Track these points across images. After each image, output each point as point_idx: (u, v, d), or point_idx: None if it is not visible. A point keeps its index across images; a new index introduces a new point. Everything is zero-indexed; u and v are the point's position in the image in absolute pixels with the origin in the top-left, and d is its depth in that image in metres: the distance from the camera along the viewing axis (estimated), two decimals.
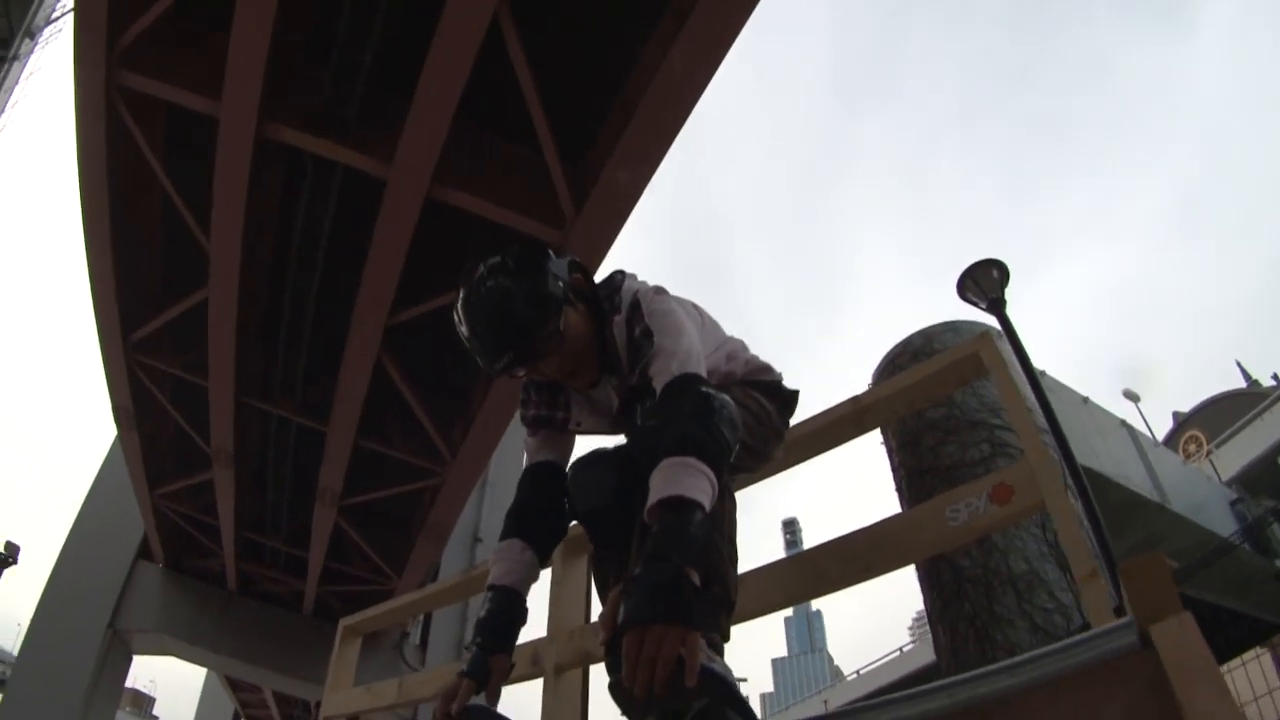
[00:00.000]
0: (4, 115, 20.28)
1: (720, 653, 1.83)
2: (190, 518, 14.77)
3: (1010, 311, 7.05)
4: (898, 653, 29.12)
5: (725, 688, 1.66)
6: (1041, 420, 7.39)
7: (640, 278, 2.37)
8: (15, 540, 18.38)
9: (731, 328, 2.54)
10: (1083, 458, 8.32)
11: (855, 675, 33.35)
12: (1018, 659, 1.44)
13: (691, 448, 1.76)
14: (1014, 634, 6.38)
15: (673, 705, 1.60)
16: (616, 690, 1.68)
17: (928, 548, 2.68)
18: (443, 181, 7.14)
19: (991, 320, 7.25)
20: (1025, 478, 2.40)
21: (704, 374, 2.00)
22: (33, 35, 17.95)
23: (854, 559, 2.72)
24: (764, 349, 2.52)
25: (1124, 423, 15.74)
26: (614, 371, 2.25)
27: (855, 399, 2.97)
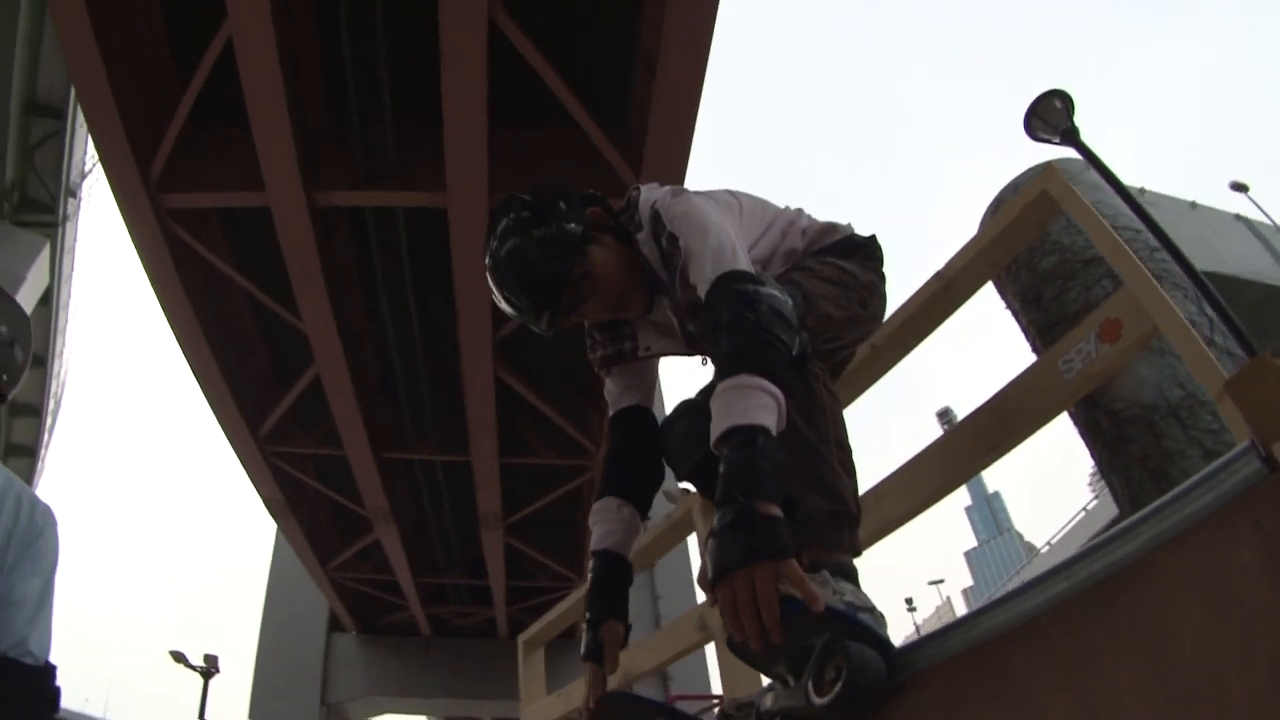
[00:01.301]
0: (74, 272, 21.10)
1: (850, 574, 1.72)
2: (368, 580, 15.39)
3: (1089, 134, 6.79)
4: (1083, 513, 28.35)
5: (843, 620, 1.53)
6: (1151, 240, 7.13)
7: (660, 187, 2.19)
8: (212, 651, 19.35)
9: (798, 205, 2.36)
10: (1204, 263, 7.92)
11: (1047, 547, 32.62)
12: (1131, 520, 1.30)
13: (739, 364, 1.63)
14: (1189, 464, 6.14)
15: (795, 646, 1.53)
16: (738, 649, 1.55)
17: (1053, 409, 2.45)
18: (501, 188, 7.17)
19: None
20: (1130, 306, 2.23)
21: (742, 265, 1.84)
22: (73, 193, 18.56)
23: (980, 437, 2.56)
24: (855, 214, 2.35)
25: (1238, 216, 15.09)
26: (663, 291, 2.10)
27: (938, 275, 2.80)
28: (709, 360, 2.04)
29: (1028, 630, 1.34)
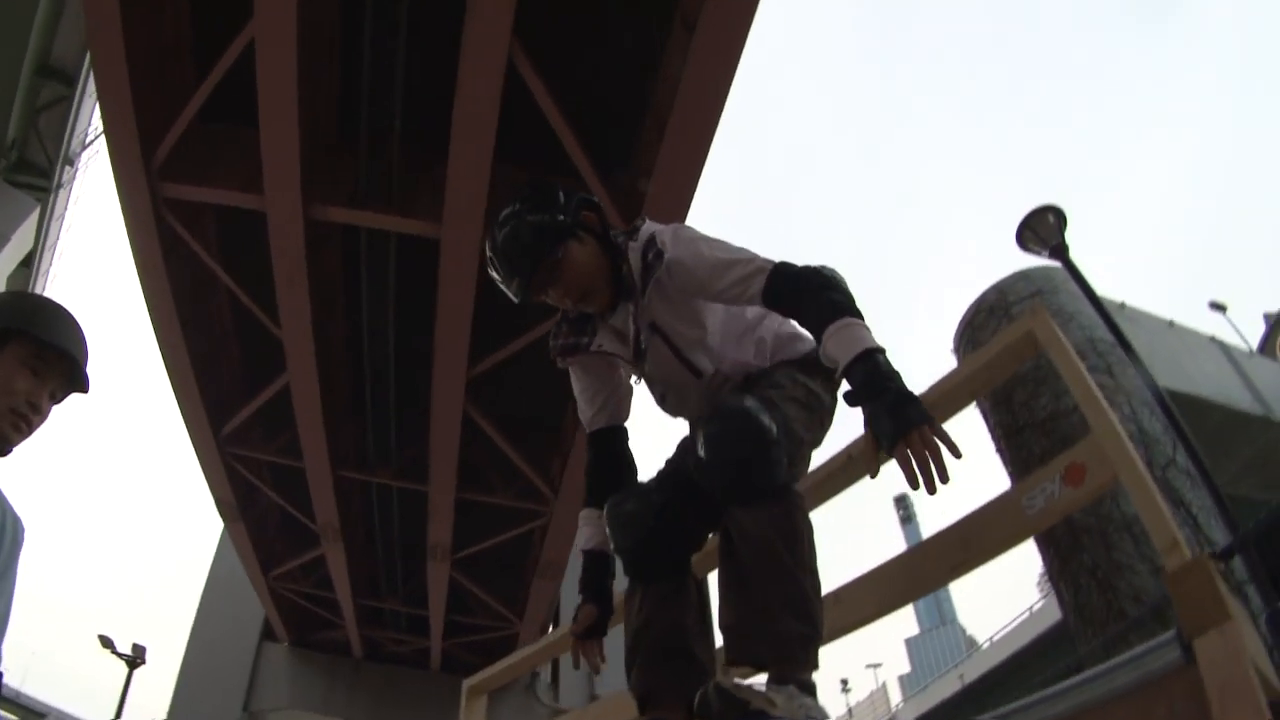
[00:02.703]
0: (60, 241, 21.16)
1: (812, 689, 1.94)
2: (307, 594, 15.37)
3: (1080, 237, 7.04)
4: (1028, 613, 28.52)
5: None
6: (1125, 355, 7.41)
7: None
8: (141, 641, 19.20)
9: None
10: (1174, 382, 8.14)
11: (989, 643, 32.72)
12: (1064, 685, 1.46)
13: (842, 310, 2.15)
14: (1137, 579, 6.36)
15: None
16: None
17: (1010, 540, 2.64)
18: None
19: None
20: (1096, 454, 2.40)
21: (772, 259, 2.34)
22: (71, 162, 18.68)
23: (942, 558, 2.77)
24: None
25: (1213, 339, 15.37)
26: (630, 298, 2.43)
27: (921, 397, 3.00)
28: (641, 379, 2.57)
29: None
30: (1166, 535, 2.17)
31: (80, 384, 2.00)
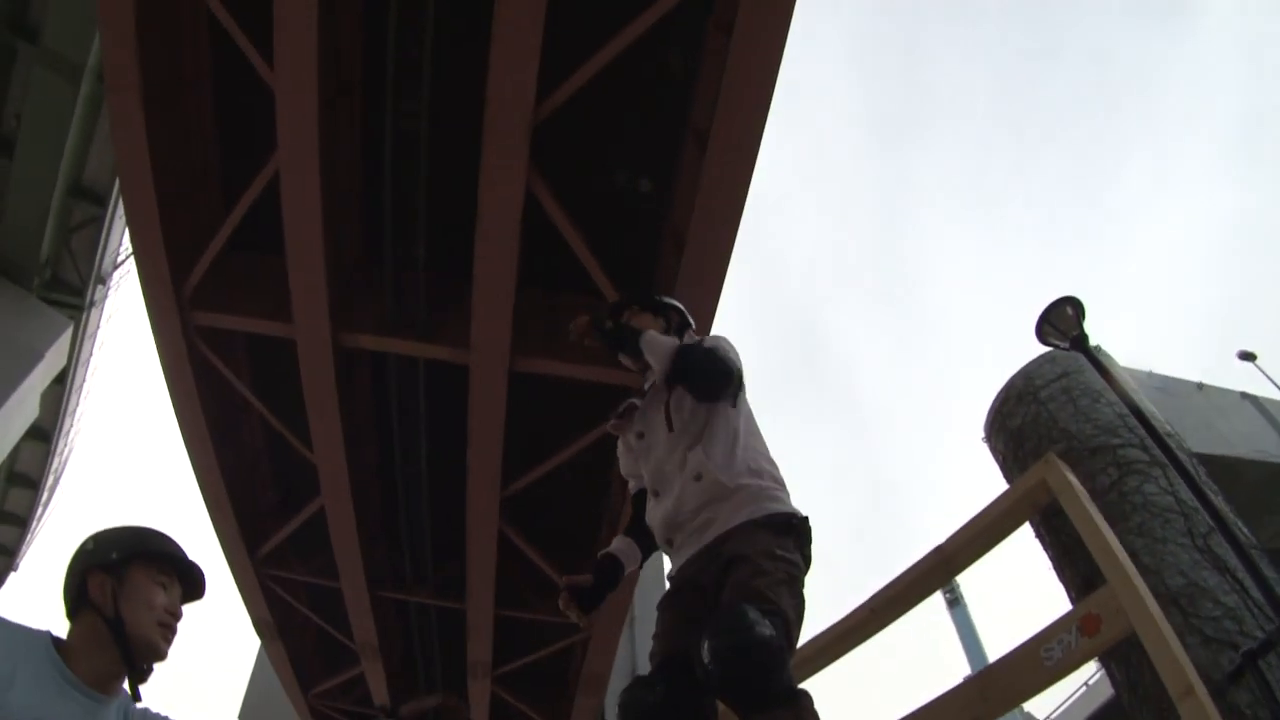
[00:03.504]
0: (93, 357, 21.57)
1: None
2: (348, 712, 15.19)
3: (1100, 298, 7.11)
4: (1084, 688, 27.95)
5: None
6: (1164, 426, 7.36)
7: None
8: None
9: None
10: (1209, 446, 8.01)
11: None
12: None
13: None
14: (1188, 652, 6.22)
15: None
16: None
17: (1030, 691, 2.81)
18: (522, 352, 7.45)
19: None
20: (1110, 605, 2.51)
21: (733, 360, 3.07)
22: (103, 280, 19.11)
23: (963, 709, 2.90)
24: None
25: (1244, 395, 15.32)
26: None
27: (939, 549, 3.18)
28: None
29: None
30: (1180, 680, 2.21)
31: (199, 588, 2.37)
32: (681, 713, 2.51)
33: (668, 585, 3.02)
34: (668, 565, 3.12)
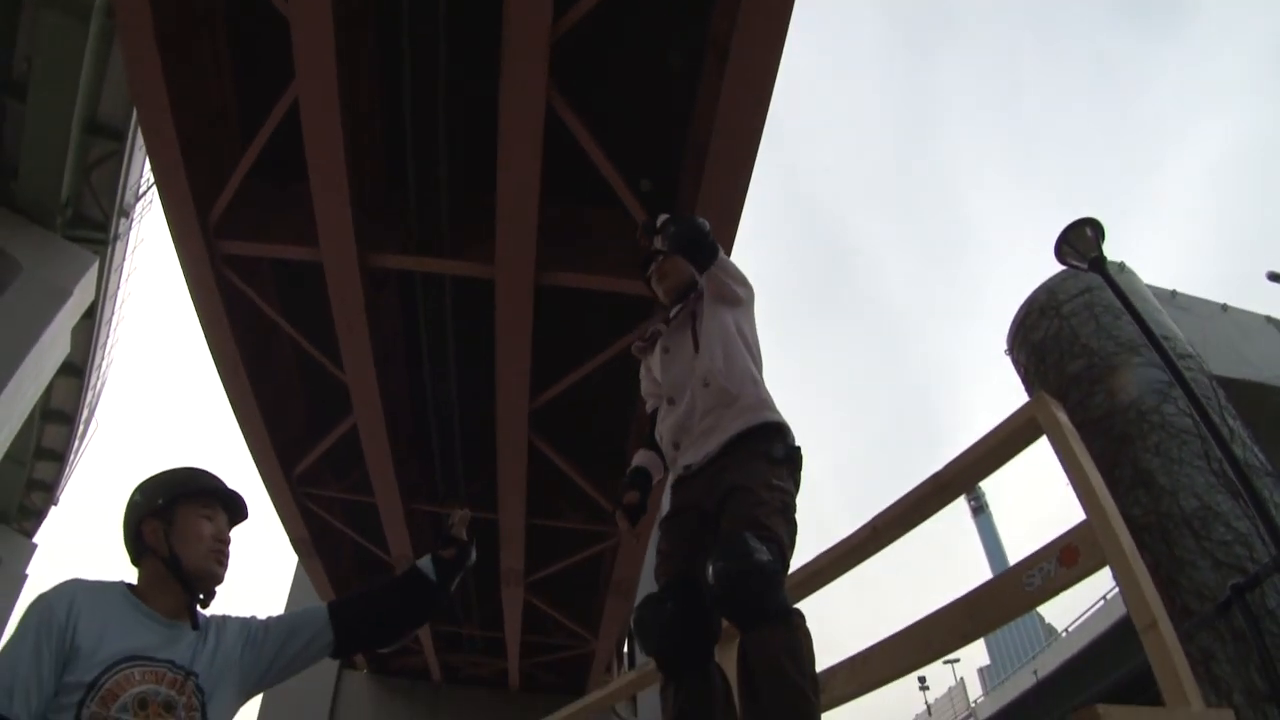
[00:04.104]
0: (120, 290, 21.78)
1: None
2: None
3: (1127, 222, 7.18)
4: (1103, 601, 28.08)
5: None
6: (1184, 347, 7.51)
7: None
8: None
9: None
10: (1231, 369, 8.05)
11: (1065, 634, 32.29)
12: None
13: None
14: (1198, 575, 6.34)
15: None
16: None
17: (1011, 613, 3.10)
18: (547, 267, 7.63)
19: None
20: (1088, 539, 2.79)
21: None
22: (126, 213, 19.21)
23: (953, 627, 3.22)
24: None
25: (1269, 319, 15.16)
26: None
27: (935, 476, 3.42)
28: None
29: None
30: (1147, 615, 2.49)
31: (242, 511, 2.58)
32: (690, 626, 2.83)
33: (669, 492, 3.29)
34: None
